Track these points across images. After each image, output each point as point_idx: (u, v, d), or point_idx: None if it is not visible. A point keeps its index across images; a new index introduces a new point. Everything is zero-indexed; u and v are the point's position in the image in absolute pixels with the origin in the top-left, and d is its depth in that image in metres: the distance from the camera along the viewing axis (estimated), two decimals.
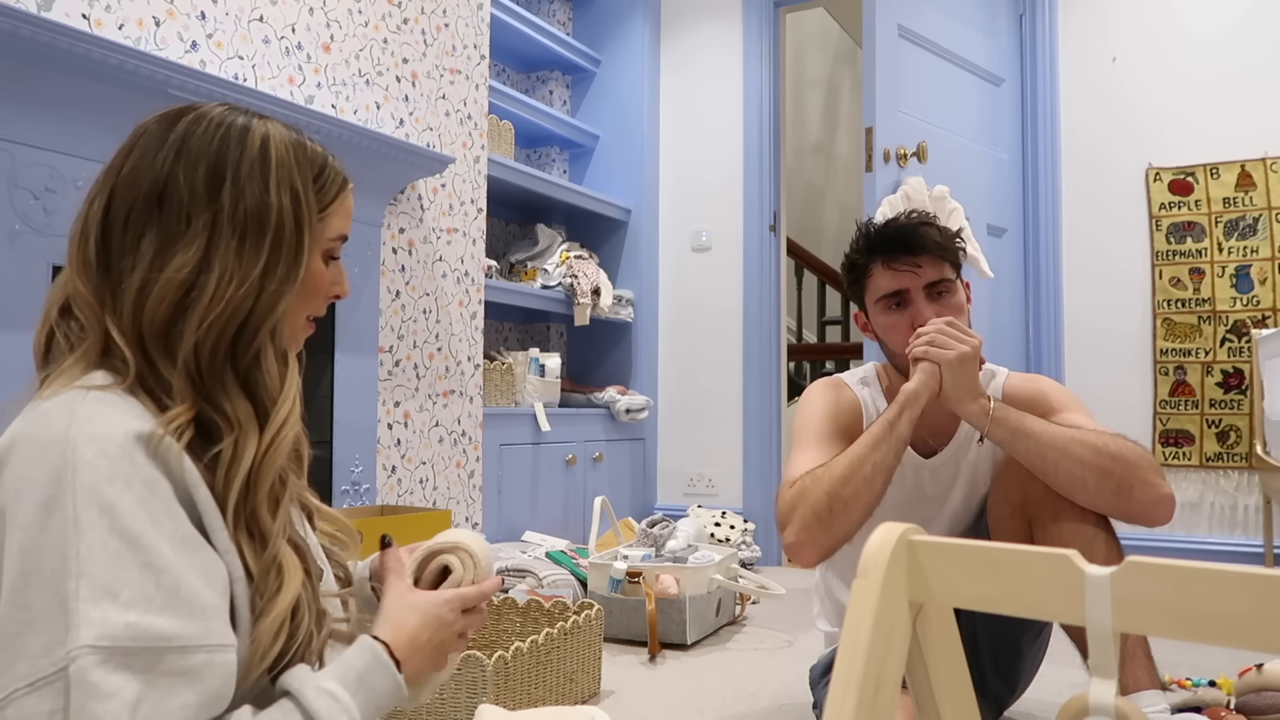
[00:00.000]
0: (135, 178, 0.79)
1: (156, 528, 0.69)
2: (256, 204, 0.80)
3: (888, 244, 1.53)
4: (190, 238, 0.78)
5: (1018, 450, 1.41)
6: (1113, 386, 3.25)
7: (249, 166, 0.80)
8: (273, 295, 0.80)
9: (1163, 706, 1.32)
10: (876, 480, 1.37)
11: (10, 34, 1.69)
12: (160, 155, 0.80)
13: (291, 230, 0.81)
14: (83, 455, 0.68)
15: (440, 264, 2.88)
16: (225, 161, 0.80)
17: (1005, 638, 1.57)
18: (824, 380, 1.68)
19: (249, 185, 0.80)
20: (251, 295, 0.79)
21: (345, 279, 0.91)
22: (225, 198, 0.79)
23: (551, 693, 1.75)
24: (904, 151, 2.96)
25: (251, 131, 0.82)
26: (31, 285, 1.82)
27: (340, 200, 0.87)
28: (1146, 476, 1.35)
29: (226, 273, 0.78)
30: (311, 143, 0.87)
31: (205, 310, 0.77)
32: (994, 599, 0.59)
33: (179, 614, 0.68)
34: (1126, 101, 3.29)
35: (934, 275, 1.52)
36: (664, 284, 4.04)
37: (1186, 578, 0.52)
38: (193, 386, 0.76)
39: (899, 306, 1.54)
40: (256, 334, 0.79)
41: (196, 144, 0.80)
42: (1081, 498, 1.38)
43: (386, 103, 2.67)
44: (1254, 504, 3.07)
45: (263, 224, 0.80)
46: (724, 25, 3.96)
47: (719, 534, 3.39)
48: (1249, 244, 3.09)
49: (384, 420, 2.64)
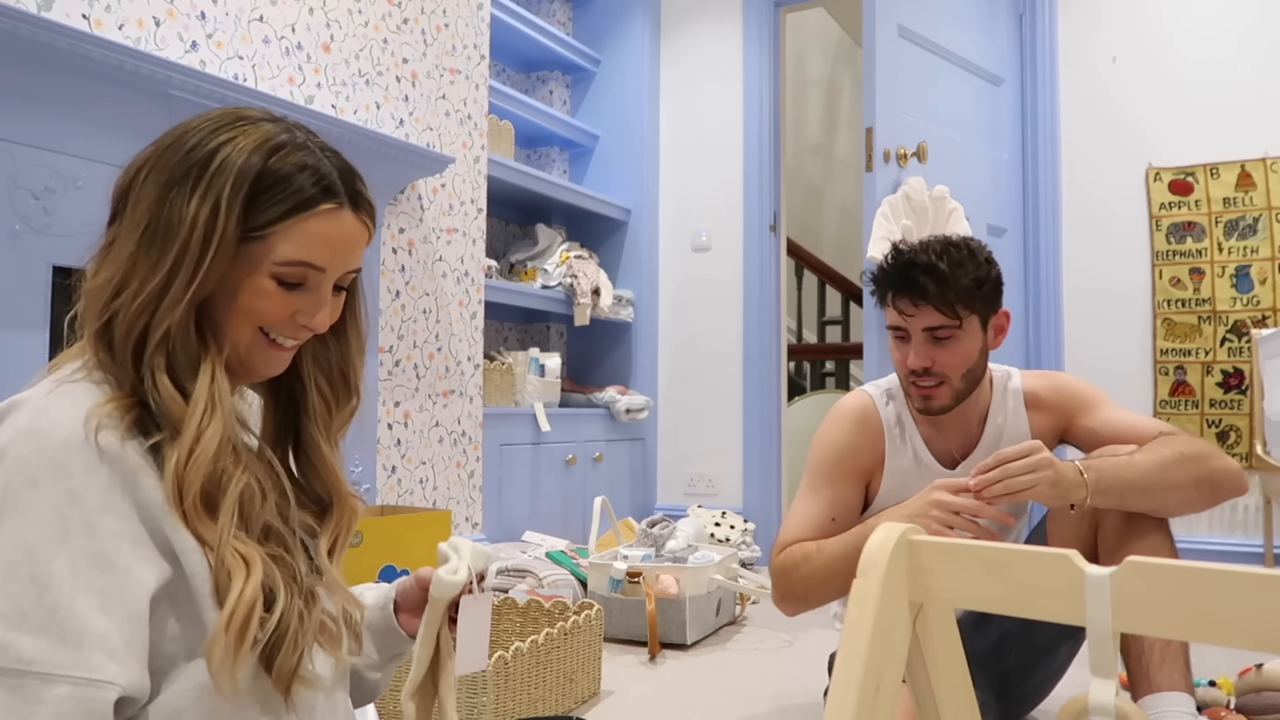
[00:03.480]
0: (124, 167, 0.82)
1: (59, 541, 0.66)
2: (175, 213, 0.77)
3: (890, 280, 1.53)
4: (125, 236, 0.78)
5: (1129, 506, 1.40)
6: (1113, 387, 3.22)
7: (183, 173, 0.78)
8: (167, 307, 0.76)
9: (1190, 710, 1.33)
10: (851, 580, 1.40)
11: (10, 34, 1.69)
12: (145, 152, 0.81)
13: (196, 245, 0.76)
14: (18, 451, 0.68)
15: (440, 264, 2.88)
16: (172, 168, 0.78)
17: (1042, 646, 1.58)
18: (852, 406, 1.65)
19: (177, 190, 0.78)
20: (151, 304, 0.76)
21: (321, 312, 0.83)
22: (153, 203, 0.78)
23: (551, 693, 1.75)
24: (904, 151, 2.96)
25: (213, 138, 0.79)
26: (31, 285, 1.82)
27: (294, 222, 0.79)
28: (1223, 464, 1.41)
29: (136, 278, 0.76)
30: (294, 154, 0.80)
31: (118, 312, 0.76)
32: (994, 599, 0.59)
33: (50, 637, 0.65)
34: (1126, 101, 3.29)
35: (931, 321, 1.51)
36: (664, 284, 4.04)
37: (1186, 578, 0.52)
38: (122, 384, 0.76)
39: (902, 339, 1.55)
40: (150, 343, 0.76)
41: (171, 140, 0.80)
42: (1186, 511, 1.41)
43: (386, 103, 2.67)
44: (1254, 504, 3.07)
45: (170, 234, 0.77)
46: (724, 25, 3.96)
47: (719, 534, 3.39)
48: (1249, 244, 3.09)
49: (384, 420, 2.64)
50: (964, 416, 1.60)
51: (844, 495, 1.58)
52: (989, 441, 1.61)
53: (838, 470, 1.59)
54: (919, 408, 1.57)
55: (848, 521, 1.56)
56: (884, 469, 1.60)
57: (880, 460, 1.60)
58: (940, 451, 1.61)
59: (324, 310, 0.83)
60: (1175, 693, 1.33)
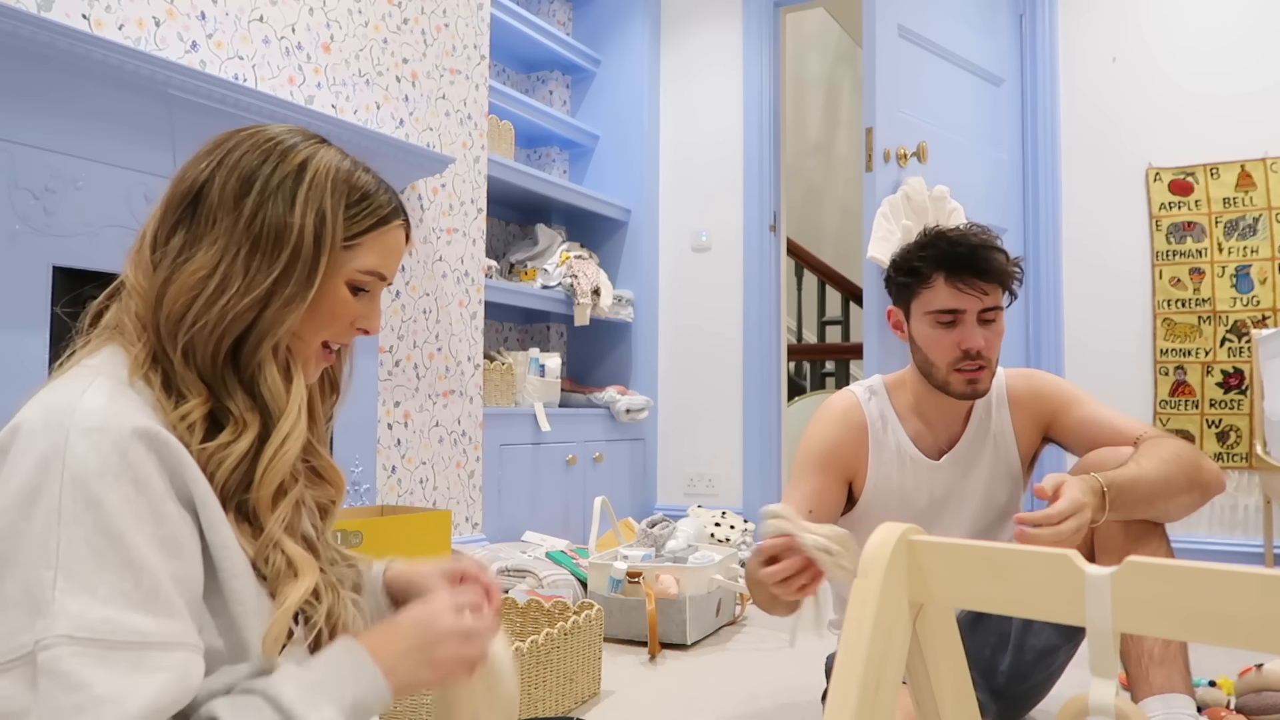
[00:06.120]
0: (181, 177, 0.83)
1: (139, 527, 0.69)
2: (278, 218, 0.80)
3: (957, 261, 1.50)
4: (211, 241, 0.80)
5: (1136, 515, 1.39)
6: (1113, 387, 3.24)
7: (279, 180, 0.81)
8: (279, 311, 0.80)
9: (1190, 711, 1.33)
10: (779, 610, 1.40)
11: (10, 34, 1.69)
12: (206, 159, 0.83)
13: (309, 250, 0.81)
14: (74, 448, 0.69)
15: (440, 264, 2.88)
16: (258, 173, 0.81)
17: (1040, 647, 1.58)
18: (838, 406, 1.65)
19: (274, 198, 0.81)
20: (256, 307, 0.79)
21: (377, 316, 0.90)
22: (248, 207, 0.80)
23: (551, 693, 1.75)
24: (904, 151, 2.96)
25: (295, 150, 0.83)
26: (32, 285, 1.82)
27: (377, 234, 0.86)
28: (1209, 464, 1.43)
29: (236, 280, 0.79)
30: (365, 173, 0.87)
31: (212, 313, 0.78)
32: (994, 599, 0.59)
33: (157, 612, 0.68)
34: (1126, 101, 3.29)
35: (992, 301, 1.51)
36: (664, 284, 4.04)
37: (1186, 578, 0.52)
38: (203, 382, 0.78)
39: (949, 324, 1.52)
40: (260, 345, 0.80)
41: (239, 153, 0.82)
42: (1182, 516, 1.42)
43: (386, 103, 2.67)
44: (1254, 504, 3.07)
45: (280, 238, 0.80)
46: (724, 25, 3.96)
47: (719, 534, 3.39)
48: (1249, 244, 3.09)
49: (384, 420, 2.64)
50: (950, 411, 1.61)
51: (822, 488, 1.57)
52: (973, 434, 1.62)
53: (817, 465, 1.59)
54: (964, 392, 1.53)
55: (825, 515, 1.55)
56: (868, 465, 1.60)
57: (864, 457, 1.60)
58: (926, 446, 1.62)
59: (379, 315, 0.90)
60: (1175, 694, 1.34)
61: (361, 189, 0.86)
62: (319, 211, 0.82)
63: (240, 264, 0.79)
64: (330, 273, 0.83)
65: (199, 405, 0.77)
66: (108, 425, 0.70)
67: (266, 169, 0.82)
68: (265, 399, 0.80)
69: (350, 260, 0.85)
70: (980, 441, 1.62)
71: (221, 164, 0.82)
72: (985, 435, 1.62)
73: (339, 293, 0.85)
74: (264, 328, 0.80)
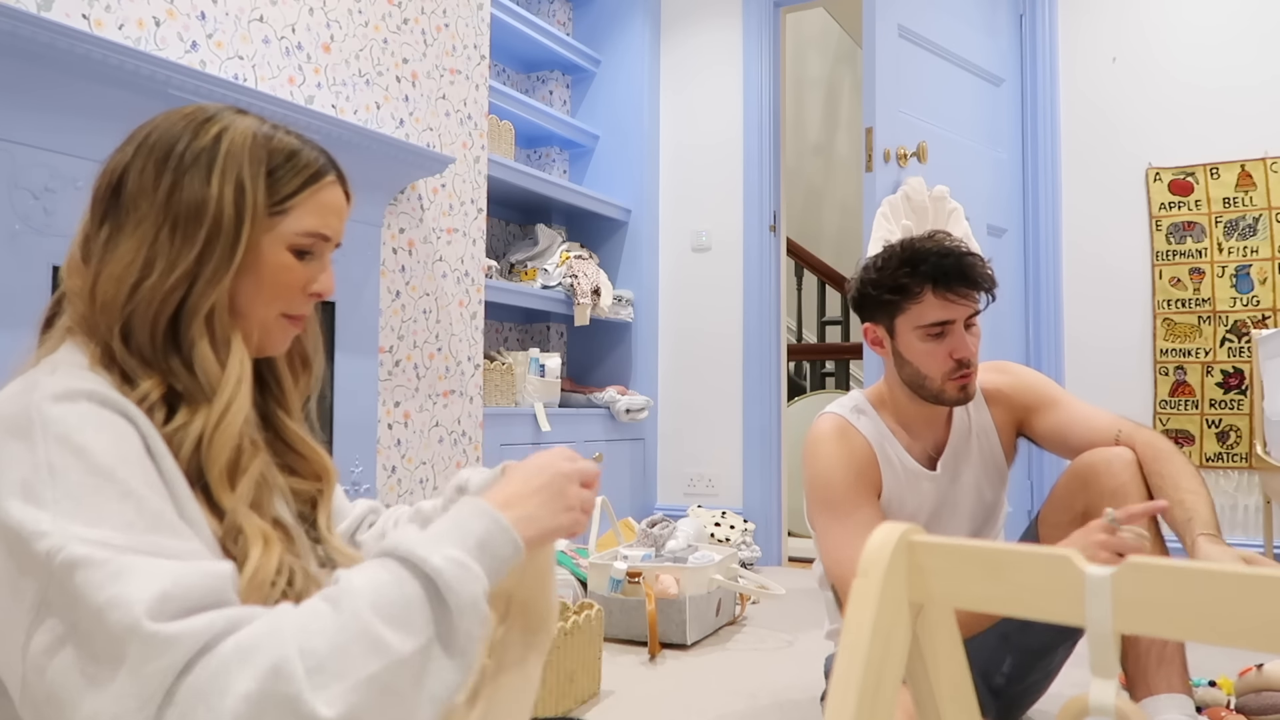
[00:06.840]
0: (103, 169, 0.83)
1: (129, 469, 0.68)
2: (194, 193, 0.79)
3: (946, 273, 1.50)
4: (134, 226, 0.79)
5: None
6: (1113, 387, 3.24)
7: (194, 155, 0.80)
8: (205, 286, 0.79)
9: (1189, 711, 1.33)
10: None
11: (10, 34, 1.68)
12: (125, 147, 0.83)
13: (230, 222, 0.79)
14: (50, 413, 0.68)
15: (440, 264, 2.88)
16: (173, 151, 0.80)
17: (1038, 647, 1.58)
18: (830, 428, 1.61)
19: (190, 174, 0.80)
20: (183, 284, 0.78)
21: (329, 278, 0.88)
22: (165, 186, 0.79)
23: (551, 693, 1.75)
24: (904, 151, 2.96)
25: (210, 122, 0.82)
26: (31, 285, 1.81)
27: (309, 194, 0.84)
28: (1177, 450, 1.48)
29: (160, 261, 0.78)
30: (286, 135, 0.85)
31: (140, 297, 0.78)
32: (994, 599, 0.59)
33: (165, 533, 0.66)
34: (1126, 101, 3.29)
35: (978, 307, 1.54)
36: (664, 284, 4.04)
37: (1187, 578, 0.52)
38: (152, 366, 0.78)
39: (939, 335, 1.53)
40: (192, 321, 0.79)
41: (156, 135, 0.82)
42: None
43: (386, 103, 2.67)
44: (1254, 504, 3.07)
45: (198, 213, 0.79)
46: (724, 25, 3.96)
47: (719, 534, 3.39)
48: (1249, 244, 3.09)
49: (384, 420, 2.64)
50: (933, 418, 1.62)
51: (874, 513, 1.54)
52: (958, 436, 1.63)
53: (855, 493, 1.54)
54: (958, 399, 1.55)
55: None
56: (883, 481, 1.60)
57: (879, 473, 1.59)
58: (919, 456, 1.63)
59: (330, 277, 0.88)
60: (1173, 695, 1.34)
61: (285, 151, 0.84)
62: (237, 181, 0.80)
63: (163, 244, 0.78)
64: (266, 241, 0.82)
65: (154, 387, 0.76)
66: (77, 390, 0.70)
67: (181, 145, 0.81)
68: (199, 375, 0.78)
69: (284, 224, 0.83)
70: (965, 441, 1.64)
71: (140, 148, 0.81)
72: (969, 435, 1.64)
73: (281, 259, 0.83)
74: (193, 304, 0.79)
